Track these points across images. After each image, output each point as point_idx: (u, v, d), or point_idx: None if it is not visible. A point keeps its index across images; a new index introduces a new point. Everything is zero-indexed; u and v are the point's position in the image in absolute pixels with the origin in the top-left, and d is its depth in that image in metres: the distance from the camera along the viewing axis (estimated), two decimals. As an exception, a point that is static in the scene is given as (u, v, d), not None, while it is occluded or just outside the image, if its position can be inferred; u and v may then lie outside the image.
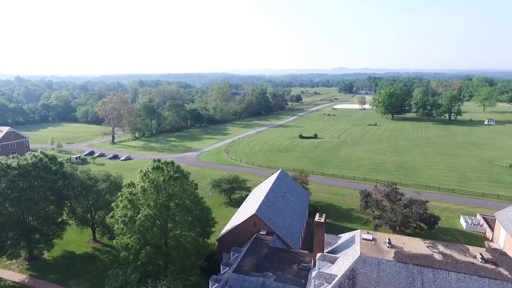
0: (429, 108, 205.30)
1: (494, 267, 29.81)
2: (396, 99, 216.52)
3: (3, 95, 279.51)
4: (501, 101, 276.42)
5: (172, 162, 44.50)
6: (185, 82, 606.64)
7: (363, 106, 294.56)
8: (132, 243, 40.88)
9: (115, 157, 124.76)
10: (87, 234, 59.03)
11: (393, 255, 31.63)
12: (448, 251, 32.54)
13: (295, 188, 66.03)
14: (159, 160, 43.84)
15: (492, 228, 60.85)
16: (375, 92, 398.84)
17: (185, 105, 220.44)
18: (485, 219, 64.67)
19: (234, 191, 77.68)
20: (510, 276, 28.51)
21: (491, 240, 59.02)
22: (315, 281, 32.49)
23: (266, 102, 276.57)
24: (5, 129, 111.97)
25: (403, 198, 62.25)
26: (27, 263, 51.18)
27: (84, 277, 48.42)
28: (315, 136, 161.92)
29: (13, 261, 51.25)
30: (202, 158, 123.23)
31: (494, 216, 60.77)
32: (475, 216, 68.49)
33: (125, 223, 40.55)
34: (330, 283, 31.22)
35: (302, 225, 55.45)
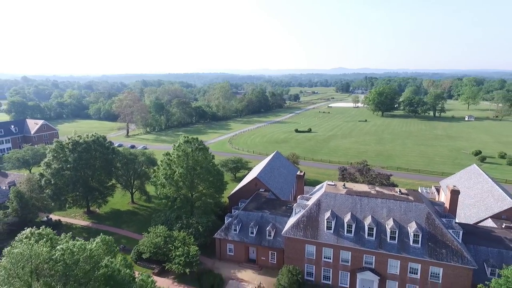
0: (415, 105, 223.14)
1: (405, 196, 47.42)
2: (385, 97, 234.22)
3: (18, 94, 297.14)
4: (486, 100, 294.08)
5: (197, 138, 62.25)
6: (186, 82, 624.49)
7: (357, 105, 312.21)
8: (170, 193, 58.60)
9: (133, 147, 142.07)
10: (127, 197, 76.83)
11: (345, 192, 49.17)
12: (380, 190, 50.19)
13: (287, 165, 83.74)
14: (187, 136, 61.54)
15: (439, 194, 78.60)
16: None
17: (190, 103, 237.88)
18: (436, 189, 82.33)
19: (239, 170, 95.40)
20: (413, 199, 46.12)
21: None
22: (295, 209, 50.19)
23: (265, 101, 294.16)
24: (40, 122, 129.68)
25: (371, 172, 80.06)
26: (86, 215, 68.90)
27: (131, 223, 66.16)
28: (309, 131, 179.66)
29: (77, 214, 69.03)
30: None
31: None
32: (431, 187, 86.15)
33: (166, 178, 58.20)
34: (304, 209, 48.87)
35: (291, 189, 73.08)
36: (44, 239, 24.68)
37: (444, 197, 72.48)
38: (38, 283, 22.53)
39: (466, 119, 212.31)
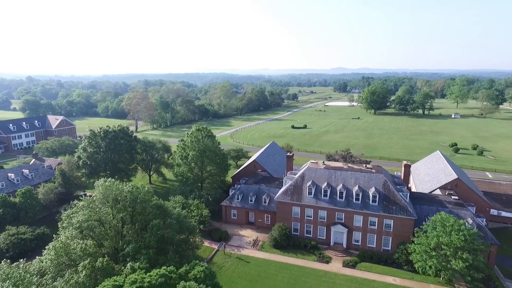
0: (404, 104, 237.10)
1: (370, 169, 61.20)
2: (377, 96, 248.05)
3: (28, 93, 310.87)
4: (475, 99, 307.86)
5: (206, 127, 76.02)
6: (187, 82, 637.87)
7: (352, 103, 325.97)
8: (185, 171, 72.42)
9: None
10: (146, 178, 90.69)
11: (323, 167, 62.97)
12: (351, 165, 64.00)
13: (281, 153, 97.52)
14: (199, 125, 75.37)
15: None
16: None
17: (194, 101, 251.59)
18: (410, 173, 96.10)
19: (240, 158, 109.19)
20: (375, 172, 59.88)
21: (409, 183, 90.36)
22: (285, 181, 64.03)
23: (264, 100, 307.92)
24: (60, 117, 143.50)
25: (353, 158, 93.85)
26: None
27: (151, 198, 79.91)
28: (305, 127, 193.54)
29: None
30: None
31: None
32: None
33: (182, 159, 72.02)
34: (292, 180, 62.67)
35: (283, 171, 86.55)
36: (117, 182, 38.32)
37: (416, 178, 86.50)
38: (118, 205, 36.15)
39: (453, 116, 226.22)
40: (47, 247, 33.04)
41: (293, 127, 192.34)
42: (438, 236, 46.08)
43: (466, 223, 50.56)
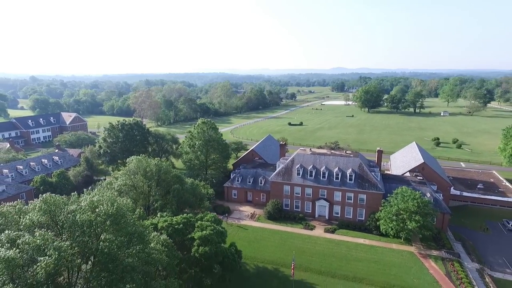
0: (396, 102, 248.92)
1: (348, 154, 72.78)
2: (371, 95, 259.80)
3: (36, 92, 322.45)
4: (465, 97, 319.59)
5: (210, 120, 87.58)
6: (187, 82, 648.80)
7: (348, 102, 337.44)
8: (192, 158, 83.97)
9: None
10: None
11: (310, 153, 74.55)
12: (334, 152, 75.62)
13: (277, 144, 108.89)
14: (204, 119, 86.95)
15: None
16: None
17: (195, 100, 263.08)
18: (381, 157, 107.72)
19: (240, 150, 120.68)
20: (352, 156, 71.44)
21: (389, 171, 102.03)
22: (278, 165, 75.65)
23: (263, 99, 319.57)
24: (73, 114, 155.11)
25: (340, 150, 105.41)
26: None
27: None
28: (301, 124, 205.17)
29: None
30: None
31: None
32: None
33: (189, 147, 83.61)
34: (283, 164, 74.29)
35: (278, 158, 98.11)
36: (146, 157, 49.98)
37: (393, 165, 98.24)
38: (147, 174, 47.72)
39: (442, 114, 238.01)
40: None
41: (289, 124, 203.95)
42: (398, 204, 57.73)
43: (425, 196, 62.32)
